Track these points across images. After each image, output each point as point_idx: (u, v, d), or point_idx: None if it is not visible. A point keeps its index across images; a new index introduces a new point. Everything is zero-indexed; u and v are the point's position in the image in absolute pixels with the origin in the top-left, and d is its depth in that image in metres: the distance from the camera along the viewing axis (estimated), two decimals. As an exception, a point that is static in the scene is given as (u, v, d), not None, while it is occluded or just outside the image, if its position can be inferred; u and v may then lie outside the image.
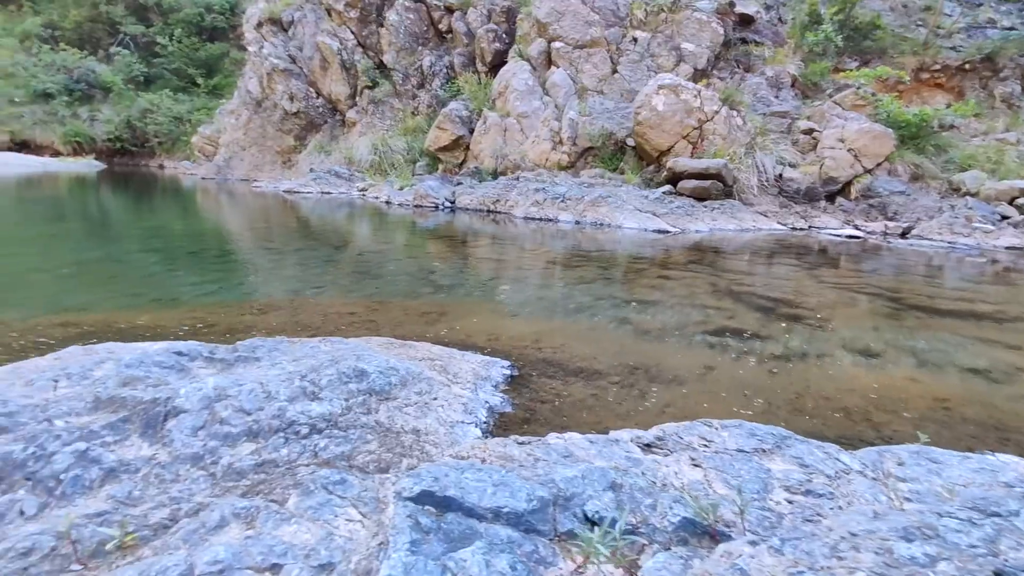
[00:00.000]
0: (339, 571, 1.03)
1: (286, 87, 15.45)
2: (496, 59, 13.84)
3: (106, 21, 21.12)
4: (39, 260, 5.63)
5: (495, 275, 5.37)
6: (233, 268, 5.49)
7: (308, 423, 1.59)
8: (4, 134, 18.75)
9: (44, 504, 1.26)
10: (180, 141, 19.64)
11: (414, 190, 10.98)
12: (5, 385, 1.87)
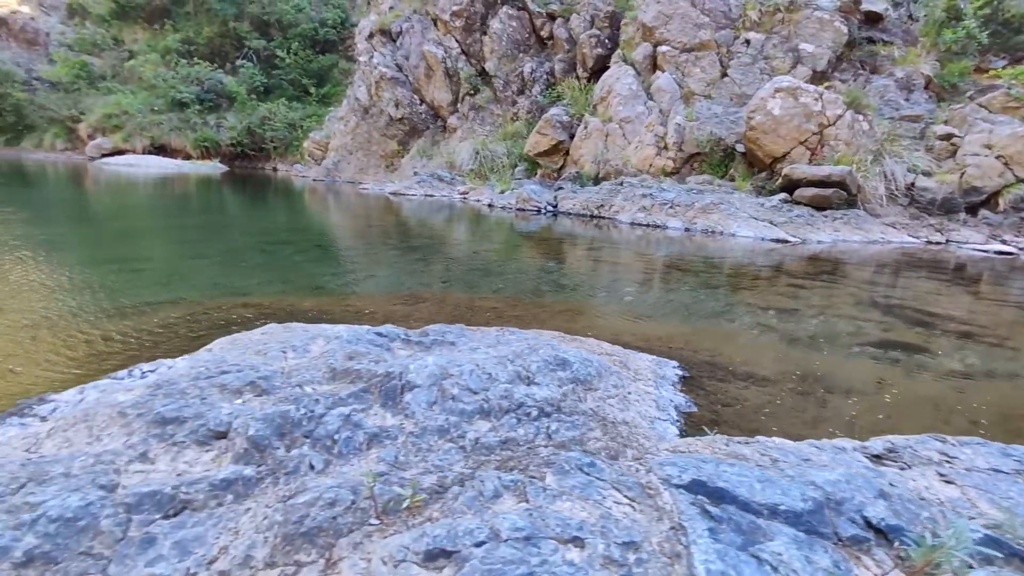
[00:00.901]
0: (645, 550, 1.03)
1: (392, 94, 16.18)
2: (598, 64, 13.79)
3: (234, 36, 23.06)
4: (193, 249, 6.20)
5: (615, 277, 5.31)
6: (362, 261, 5.78)
7: (535, 406, 1.62)
8: (146, 139, 20.91)
9: (327, 461, 1.36)
10: (292, 146, 21.05)
11: (516, 194, 11.12)
12: (238, 353, 2.05)
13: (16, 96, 21.29)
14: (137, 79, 22.36)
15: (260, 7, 22.86)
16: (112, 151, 20.97)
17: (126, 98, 21.49)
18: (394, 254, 6.22)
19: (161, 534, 1.13)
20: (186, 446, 1.40)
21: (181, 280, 4.57)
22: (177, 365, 2.18)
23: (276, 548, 1.11)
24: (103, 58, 23.26)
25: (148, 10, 24.53)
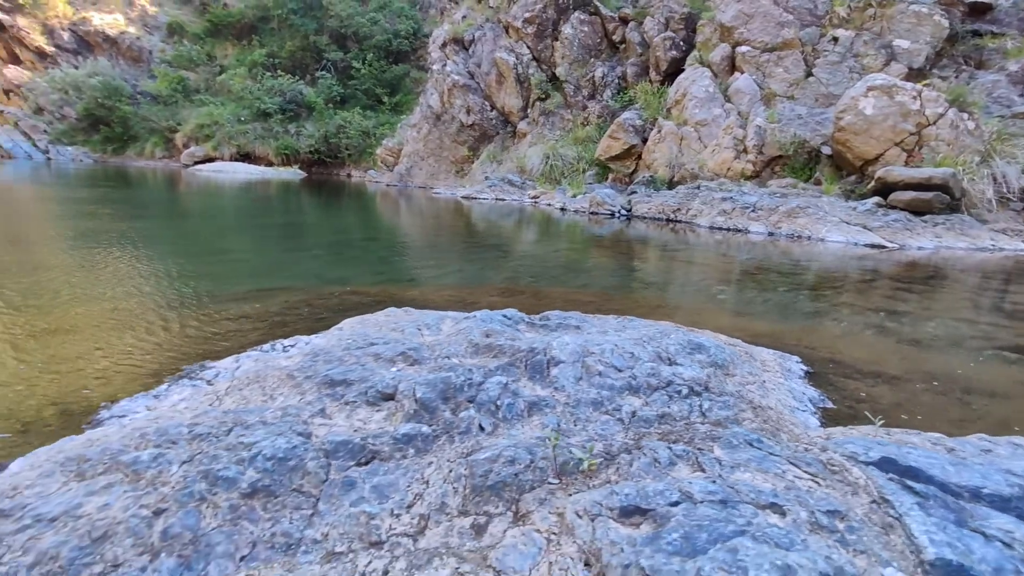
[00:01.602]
0: (853, 519, 1.00)
1: (464, 101, 16.53)
2: (672, 67, 13.58)
3: (313, 50, 24.27)
4: (287, 244, 6.54)
5: (703, 277, 5.19)
6: (446, 257, 5.93)
7: (684, 384, 1.61)
8: (233, 147, 22.29)
9: (494, 424, 1.41)
10: (366, 153, 21.86)
11: (588, 197, 11.09)
12: (374, 331, 2.14)
13: (123, 109, 23.25)
14: (227, 91, 23.90)
15: (338, 21, 23.95)
16: (203, 158, 22.49)
17: (217, 109, 23.00)
18: (476, 252, 6.34)
19: (359, 479, 1.20)
20: (357, 405, 1.48)
21: (285, 270, 4.84)
22: (314, 341, 2.32)
23: (466, 498, 1.16)
24: (198, 73, 25.04)
25: (237, 27, 26.21)
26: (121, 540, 1.00)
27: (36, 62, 24.32)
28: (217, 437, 1.27)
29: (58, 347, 2.51)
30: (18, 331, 2.72)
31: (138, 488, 1.11)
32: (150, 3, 26.39)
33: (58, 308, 3.14)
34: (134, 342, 2.61)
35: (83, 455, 1.20)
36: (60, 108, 23.22)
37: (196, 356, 2.40)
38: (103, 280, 3.98)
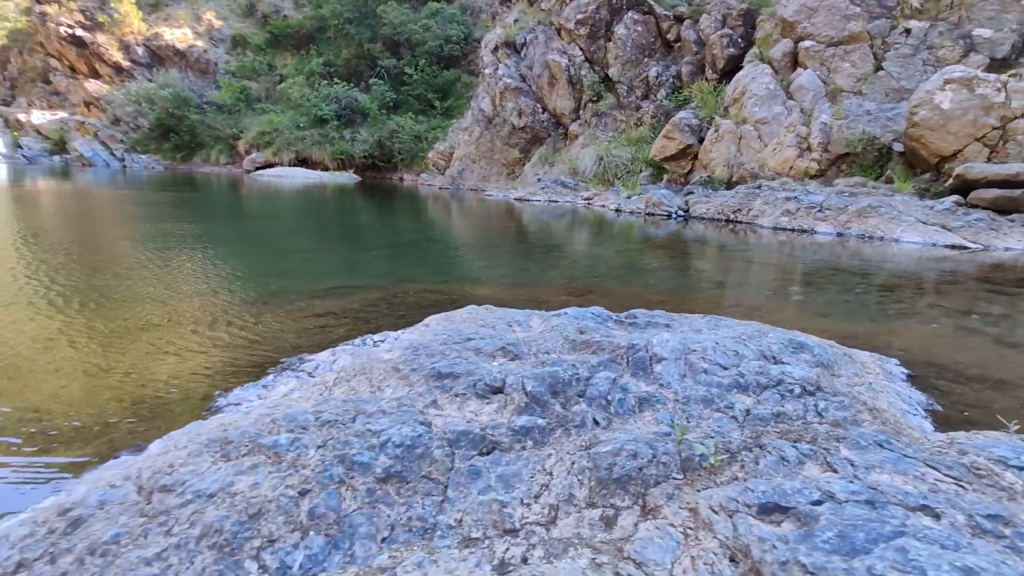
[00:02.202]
0: (1017, 524, 0.95)
1: (515, 104, 16.62)
2: (729, 65, 13.25)
3: (368, 57, 24.93)
4: (353, 244, 6.73)
5: (774, 277, 5.03)
6: (508, 257, 5.96)
7: (796, 383, 1.57)
8: (292, 152, 23.15)
9: (608, 419, 1.40)
10: (418, 157, 22.27)
11: (644, 198, 10.94)
12: (464, 327, 2.18)
13: (191, 118, 24.51)
14: (286, 100, 24.84)
15: (391, 29, 24.50)
16: (264, 164, 23.43)
17: (277, 117, 23.93)
18: (536, 252, 6.35)
19: (484, 468, 1.22)
20: (468, 398, 1.51)
21: (355, 269, 4.98)
22: (403, 336, 2.38)
23: (593, 491, 1.16)
24: (259, 82, 26.15)
25: (296, 38, 27.22)
26: (274, 517, 1.05)
27: (114, 76, 25.95)
28: (344, 424, 1.32)
29: (163, 340, 2.67)
30: (127, 324, 2.90)
31: (281, 469, 1.16)
32: (216, 17, 27.74)
33: (155, 304, 3.33)
34: (231, 336, 2.74)
35: (225, 437, 1.27)
36: (135, 119, 24.69)
37: (291, 350, 2.50)
38: (191, 278, 4.20)
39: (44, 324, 2.86)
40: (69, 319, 2.96)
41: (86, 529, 1.00)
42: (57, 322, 2.90)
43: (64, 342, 2.60)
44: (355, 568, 1.00)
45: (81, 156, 24.27)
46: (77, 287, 3.72)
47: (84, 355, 2.41)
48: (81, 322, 2.93)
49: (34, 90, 27.00)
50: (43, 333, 2.71)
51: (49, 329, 2.78)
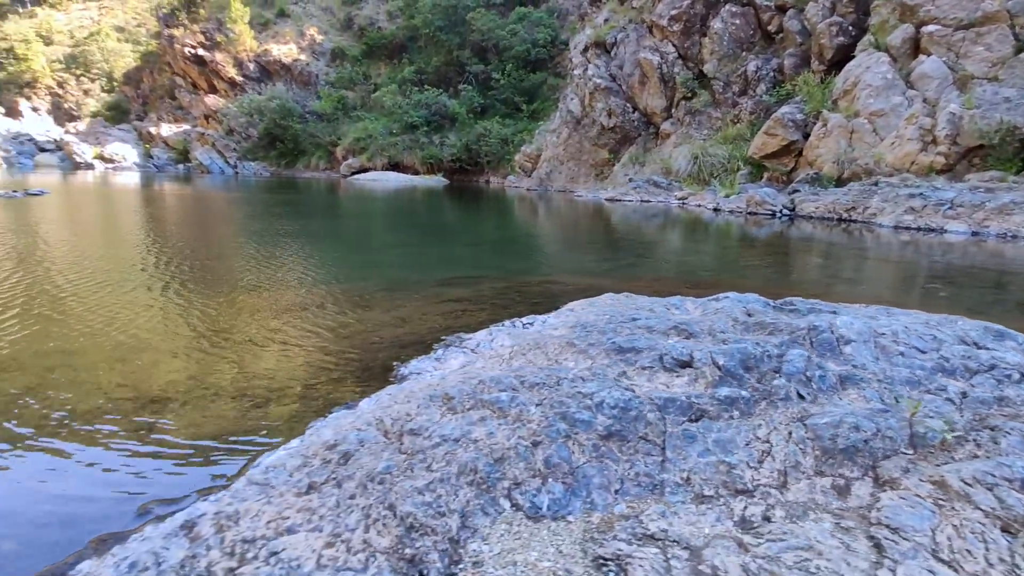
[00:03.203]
0: None
1: (605, 104, 16.50)
2: (838, 55, 12.45)
3: (457, 64, 25.66)
4: (456, 239, 6.94)
5: (908, 274, 4.69)
6: (615, 252, 5.93)
7: (1013, 369, 1.47)
8: (384, 157, 24.23)
9: (812, 394, 1.38)
10: (504, 159, 22.62)
11: (745, 197, 10.52)
12: (620, 309, 2.20)
13: (294, 127, 26.30)
14: (380, 107, 26.05)
15: (480, 35, 25.07)
16: (359, 169, 24.69)
17: (371, 124, 25.16)
18: (641, 248, 6.28)
19: (698, 433, 1.24)
20: (655, 371, 1.54)
21: (467, 262, 5.16)
22: (550, 319, 2.44)
23: (819, 459, 1.15)
24: (355, 91, 27.61)
25: (390, 48, 28.50)
26: (515, 463, 1.13)
27: (228, 91, 28.34)
28: (550, 387, 1.39)
29: (325, 319, 2.90)
30: (289, 306, 3.18)
31: (508, 423, 1.25)
32: (318, 32, 29.61)
33: (308, 289, 3.62)
34: (384, 316, 2.93)
35: (446, 394, 1.37)
36: (246, 129, 26.83)
37: (442, 329, 2.64)
38: (325, 267, 4.52)
39: (233, 305, 3.19)
40: (249, 301, 3.29)
41: (357, 462, 1.13)
42: (240, 303, 3.23)
43: (251, 321, 2.88)
44: (598, 514, 1.05)
45: (200, 164, 26.68)
46: (239, 276, 4.11)
47: (269, 331, 2.67)
48: (255, 303, 3.24)
49: (162, 105, 30.02)
50: (233, 313, 3.03)
51: (237, 309, 3.10)
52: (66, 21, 40.70)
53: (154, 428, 1.62)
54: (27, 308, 2.97)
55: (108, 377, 2.01)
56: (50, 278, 3.79)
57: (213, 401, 1.81)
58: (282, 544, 0.94)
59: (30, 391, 1.86)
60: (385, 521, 0.98)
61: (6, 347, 2.35)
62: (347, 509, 1.01)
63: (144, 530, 1.07)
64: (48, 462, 1.41)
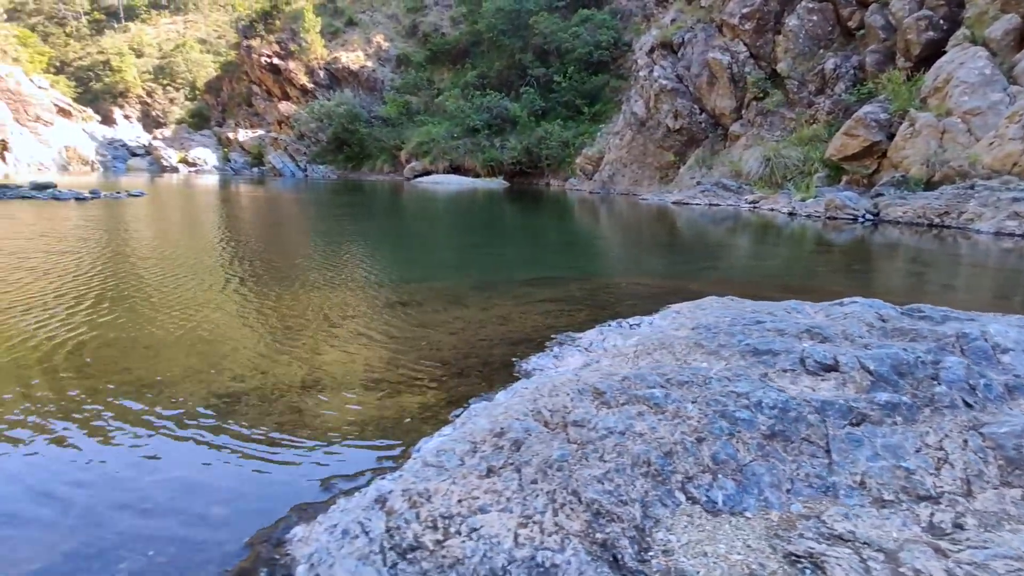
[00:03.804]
0: None
1: (671, 106, 16.21)
2: (927, 51, 11.76)
3: (518, 67, 25.87)
4: (529, 241, 6.99)
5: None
6: (692, 255, 5.82)
7: None
8: (446, 160, 24.70)
9: (979, 402, 1.33)
10: (564, 162, 22.60)
11: (823, 201, 10.09)
12: (733, 312, 2.17)
13: (360, 132, 27.24)
14: (442, 111, 26.59)
15: (542, 38, 25.18)
16: (421, 172, 25.27)
17: (434, 128, 25.71)
18: (721, 252, 6.15)
19: (863, 437, 1.22)
20: (798, 373, 1.52)
21: (545, 263, 5.20)
22: (656, 321, 2.44)
23: (1004, 470, 1.11)
24: (419, 96, 28.32)
25: (453, 53, 29.06)
26: (684, 458, 1.15)
27: (300, 97, 29.65)
28: (699, 385, 1.41)
29: (430, 316, 3.01)
30: (393, 302, 3.32)
31: (667, 419, 1.27)
32: (384, 39, 30.55)
33: (401, 287, 3.76)
34: (483, 314, 3.01)
35: (596, 388, 1.41)
36: (316, 134, 27.99)
37: (545, 328, 2.68)
38: (414, 266, 4.67)
39: (338, 302, 3.36)
40: (351, 298, 3.46)
41: (529, 449, 1.18)
42: (345, 300, 3.40)
43: (360, 316, 3.03)
44: (776, 512, 1.06)
45: (273, 167, 28.02)
46: (335, 274, 4.32)
47: (382, 325, 2.80)
48: (357, 300, 3.40)
49: (240, 112, 31.75)
50: (342, 309, 3.19)
51: (344, 305, 3.26)
52: (155, 34, 43.80)
53: (304, 412, 1.74)
54: (172, 295, 3.24)
55: (252, 364, 2.16)
56: (180, 270, 4.11)
57: (350, 390, 1.92)
58: (479, 521, 1.00)
59: (187, 374, 2.03)
60: (572, 506, 1.02)
61: (160, 331, 2.57)
62: (532, 493, 1.05)
63: (338, 502, 1.16)
64: (223, 440, 1.54)
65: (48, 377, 1.98)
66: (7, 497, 1.25)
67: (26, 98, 25.69)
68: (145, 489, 1.28)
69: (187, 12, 51.28)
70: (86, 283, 3.61)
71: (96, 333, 2.51)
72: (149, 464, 1.41)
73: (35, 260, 4.32)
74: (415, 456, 1.31)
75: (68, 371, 2.05)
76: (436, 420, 1.64)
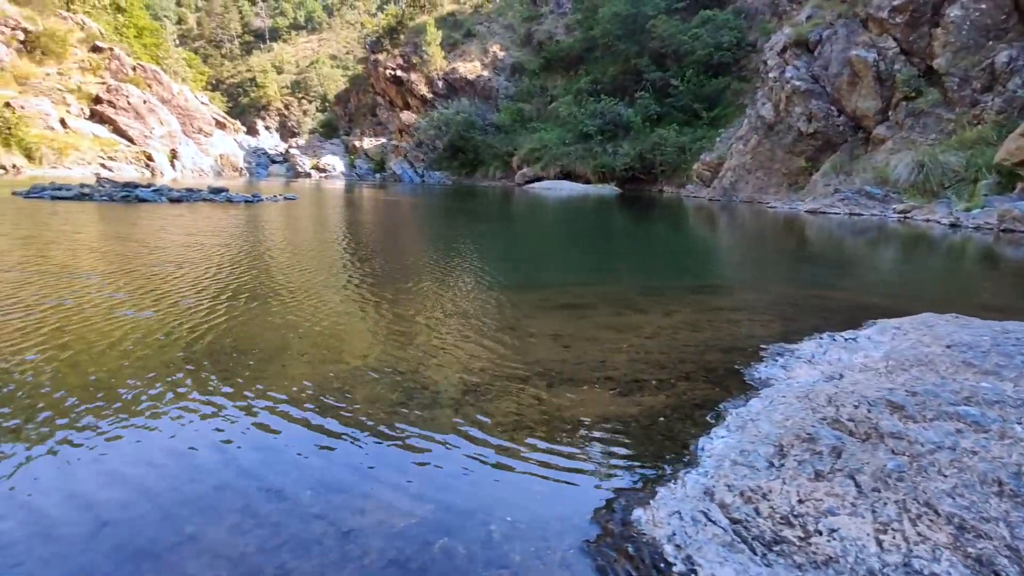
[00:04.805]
0: None
1: (804, 108, 15.24)
2: None
3: (633, 72, 25.54)
4: (660, 248, 6.87)
5: None
6: (859, 269, 5.40)
7: None
8: (557, 166, 24.91)
9: None
10: (680, 168, 21.98)
11: (996, 211, 9.02)
12: (969, 328, 2.02)
13: (475, 139, 28.24)
14: (555, 118, 26.88)
15: (660, 41, 24.69)
16: (532, 178, 25.68)
17: (546, 134, 26.06)
18: (882, 264, 5.69)
19: None
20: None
21: (701, 270, 5.10)
22: (873, 336, 2.32)
23: None
24: (532, 103, 28.84)
25: (566, 60, 29.30)
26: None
27: (420, 106, 31.28)
28: (1013, 407, 1.34)
29: (612, 319, 3.07)
30: (569, 304, 3.43)
31: (995, 438, 1.22)
32: (500, 49, 31.46)
33: (566, 288, 3.86)
34: (668, 320, 3.03)
35: (891, 401, 1.39)
36: (433, 141, 29.39)
37: (745, 337, 2.65)
38: (561, 267, 4.77)
39: (513, 303, 3.53)
40: (520, 300, 3.62)
41: (853, 457, 1.19)
42: (515, 302, 3.57)
43: (544, 319, 3.17)
44: None
45: (393, 172, 29.77)
46: (493, 275, 4.53)
47: (574, 328, 2.91)
48: (528, 301, 3.55)
49: (365, 122, 34.08)
50: (520, 310, 3.35)
51: (514, 306, 3.43)
52: (293, 52, 48.28)
53: (548, 405, 1.86)
54: (348, 290, 3.59)
55: (479, 357, 2.34)
56: (341, 268, 4.52)
57: (581, 388, 2.01)
58: (833, 523, 1.02)
59: (425, 367, 2.23)
60: (930, 518, 1.01)
61: (396, 322, 2.85)
62: (878, 501, 1.06)
63: (658, 492, 1.23)
64: (501, 440, 1.69)
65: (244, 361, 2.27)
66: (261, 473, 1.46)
67: (192, 113, 29.31)
68: (448, 476, 1.45)
69: (321, 31, 56.07)
70: (286, 272, 4.09)
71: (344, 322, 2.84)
72: (447, 454, 1.59)
73: (209, 251, 4.94)
74: (707, 455, 1.36)
75: (309, 352, 2.34)
76: (691, 421, 1.69)
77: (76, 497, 1.27)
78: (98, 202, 9.58)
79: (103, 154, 23.52)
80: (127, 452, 1.49)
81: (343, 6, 56.14)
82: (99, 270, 4.03)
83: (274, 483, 1.34)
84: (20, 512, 1.21)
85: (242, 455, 1.49)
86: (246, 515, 1.19)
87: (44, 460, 1.43)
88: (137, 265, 4.29)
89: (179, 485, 1.33)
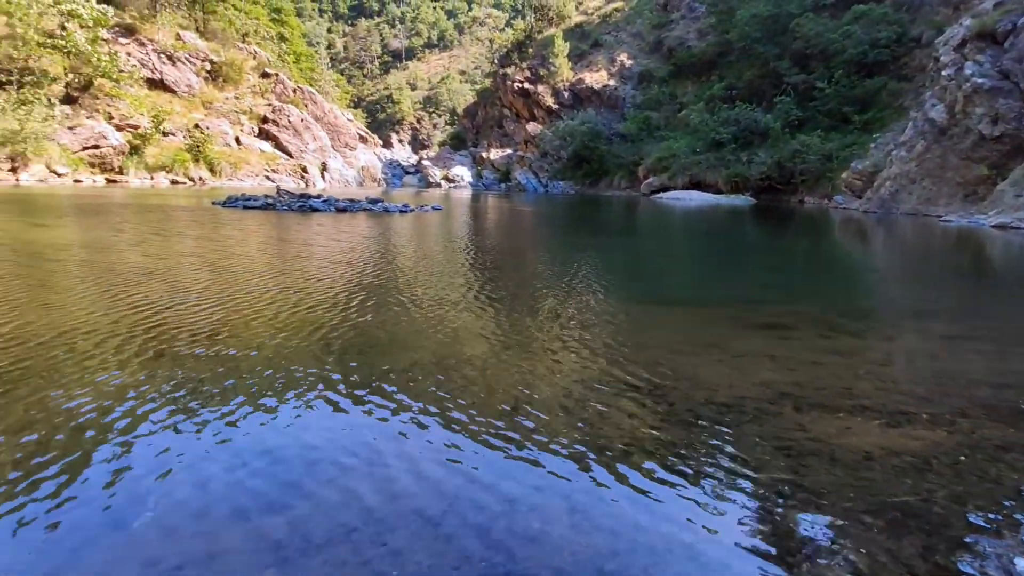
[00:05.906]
0: None
1: (988, 108, 13.46)
2: None
3: (772, 75, 24.10)
4: (843, 266, 6.39)
5: None
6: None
7: None
8: (686, 176, 24.10)
9: None
10: (824, 177, 20.34)
11: None
12: None
13: (600, 149, 28.18)
14: (684, 126, 26.07)
15: (804, 42, 23.09)
16: (659, 188, 25.07)
17: (675, 143, 25.33)
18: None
19: None
20: None
21: (888, 293, 4.70)
22: None
23: None
24: (660, 112, 28.23)
25: (698, 66, 28.36)
26: None
27: (545, 117, 31.85)
28: None
29: (830, 343, 2.94)
30: (775, 324, 3.34)
31: None
32: (627, 57, 31.20)
33: (761, 310, 3.75)
34: (891, 346, 2.84)
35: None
36: (558, 151, 29.76)
37: (998, 374, 2.42)
38: (732, 283, 4.63)
39: (717, 320, 3.51)
40: (718, 318, 3.59)
41: None
42: (719, 319, 3.54)
43: (759, 339, 3.12)
44: None
45: (518, 183, 30.55)
46: (658, 287, 4.51)
47: (804, 352, 2.84)
48: (728, 320, 3.51)
49: (492, 134, 35.36)
50: (734, 329, 3.33)
51: (719, 324, 3.40)
52: (426, 69, 51.49)
53: (807, 429, 1.83)
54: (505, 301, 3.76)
55: (671, 374, 2.36)
56: (479, 277, 4.74)
57: (836, 413, 1.96)
58: None
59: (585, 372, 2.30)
60: None
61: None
62: None
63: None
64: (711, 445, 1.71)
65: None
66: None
67: (339, 129, 32.24)
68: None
69: (452, 48, 59.27)
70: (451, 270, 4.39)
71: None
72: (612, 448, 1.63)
73: (364, 256, 5.37)
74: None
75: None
76: (1005, 464, 1.58)
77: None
78: (280, 212, 10.85)
79: (267, 167, 26.59)
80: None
81: (474, 24, 59.05)
82: (327, 275, 4.59)
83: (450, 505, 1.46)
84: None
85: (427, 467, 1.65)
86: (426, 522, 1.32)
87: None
88: (343, 271, 4.84)
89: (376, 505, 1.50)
